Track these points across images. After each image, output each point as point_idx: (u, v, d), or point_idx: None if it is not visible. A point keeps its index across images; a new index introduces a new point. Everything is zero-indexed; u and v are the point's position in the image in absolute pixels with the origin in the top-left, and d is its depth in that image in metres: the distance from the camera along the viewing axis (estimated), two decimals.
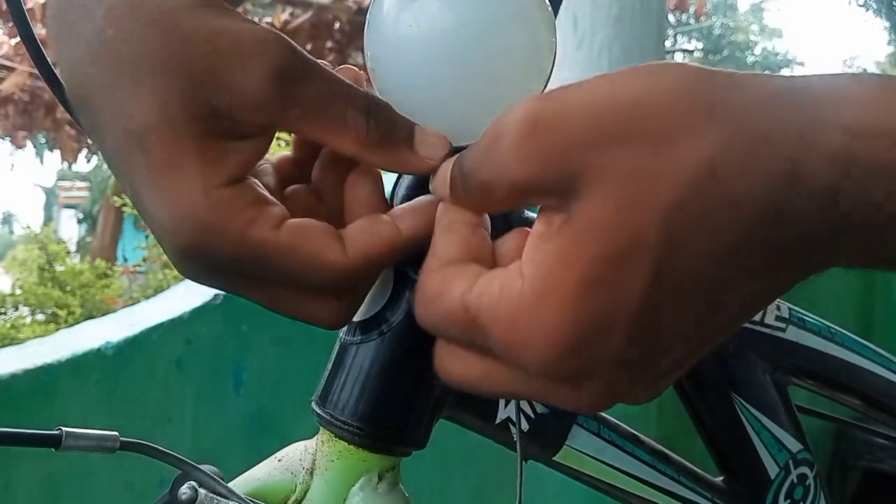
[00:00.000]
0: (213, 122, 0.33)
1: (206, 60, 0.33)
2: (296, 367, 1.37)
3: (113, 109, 0.33)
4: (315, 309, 0.37)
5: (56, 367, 1.20)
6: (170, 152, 0.33)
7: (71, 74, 0.35)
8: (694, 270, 0.29)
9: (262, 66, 0.33)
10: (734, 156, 0.28)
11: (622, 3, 1.99)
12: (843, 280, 2.24)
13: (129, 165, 0.34)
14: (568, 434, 0.51)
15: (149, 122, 0.33)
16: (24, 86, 8.27)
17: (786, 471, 0.59)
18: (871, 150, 0.28)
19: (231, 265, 0.35)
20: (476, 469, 1.55)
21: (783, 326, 0.58)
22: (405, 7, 0.38)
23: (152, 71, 0.33)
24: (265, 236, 0.34)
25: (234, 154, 0.34)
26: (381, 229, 0.36)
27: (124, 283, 6.11)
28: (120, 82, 0.33)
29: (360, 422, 0.43)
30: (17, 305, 5.39)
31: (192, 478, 0.42)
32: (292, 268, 0.35)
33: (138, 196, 0.34)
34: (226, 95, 0.33)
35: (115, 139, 0.34)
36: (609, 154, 0.29)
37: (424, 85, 0.38)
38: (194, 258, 0.34)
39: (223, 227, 0.33)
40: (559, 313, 0.29)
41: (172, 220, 0.33)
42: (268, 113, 0.34)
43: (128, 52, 0.33)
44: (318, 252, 0.35)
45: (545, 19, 0.39)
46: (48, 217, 19.32)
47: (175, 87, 0.33)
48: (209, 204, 0.33)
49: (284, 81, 0.34)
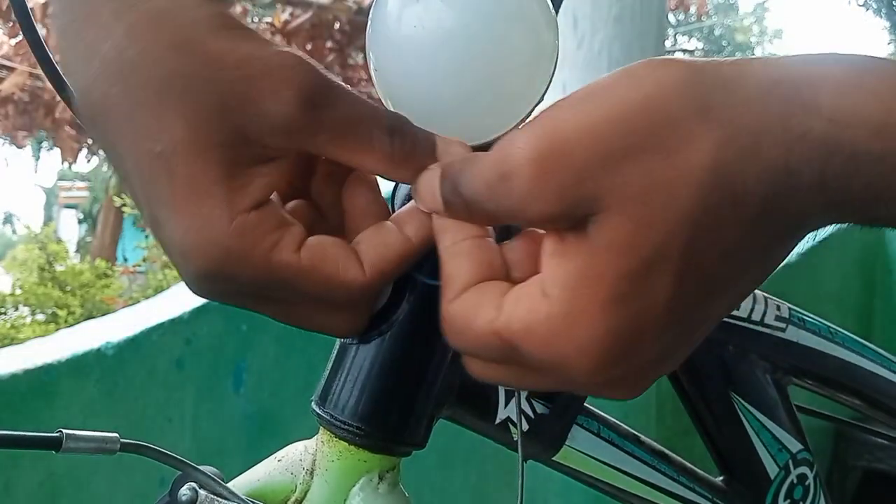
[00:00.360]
0: (240, 148, 0.33)
1: (238, 86, 0.33)
2: (296, 367, 1.37)
3: (136, 130, 0.33)
4: (332, 321, 0.38)
5: (56, 367, 1.20)
6: (196, 177, 0.33)
7: (86, 92, 0.34)
8: (707, 268, 0.30)
9: (292, 92, 0.33)
10: (732, 157, 0.29)
11: (622, 3, 1.99)
12: (843, 280, 2.24)
13: (151, 187, 0.33)
14: (568, 434, 0.51)
15: (175, 145, 0.32)
16: (24, 86, 8.27)
17: (785, 471, 0.59)
18: (851, 139, 0.29)
19: (253, 288, 0.35)
20: (476, 469, 1.55)
21: (783, 326, 0.58)
22: (408, 7, 0.38)
23: (181, 94, 0.32)
24: (288, 260, 0.34)
25: (260, 178, 0.34)
26: (391, 240, 0.36)
27: (124, 283, 6.11)
28: (146, 103, 0.32)
29: (360, 422, 0.43)
30: (17, 305, 5.39)
31: (192, 479, 0.42)
32: (314, 288, 0.35)
33: (156, 219, 0.34)
34: (255, 120, 0.33)
35: (136, 160, 0.33)
36: (618, 174, 0.29)
37: (427, 85, 0.38)
38: (216, 282, 0.34)
39: (248, 253, 0.33)
40: (592, 331, 0.30)
41: (197, 246, 0.33)
42: (297, 137, 0.34)
43: (155, 74, 0.32)
44: (338, 272, 0.35)
45: (548, 20, 0.39)
46: (48, 217, 19.31)
47: (204, 111, 0.32)
48: (235, 230, 0.33)
49: (313, 106, 0.34)
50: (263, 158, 0.34)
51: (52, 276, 5.60)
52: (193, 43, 0.33)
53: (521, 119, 0.39)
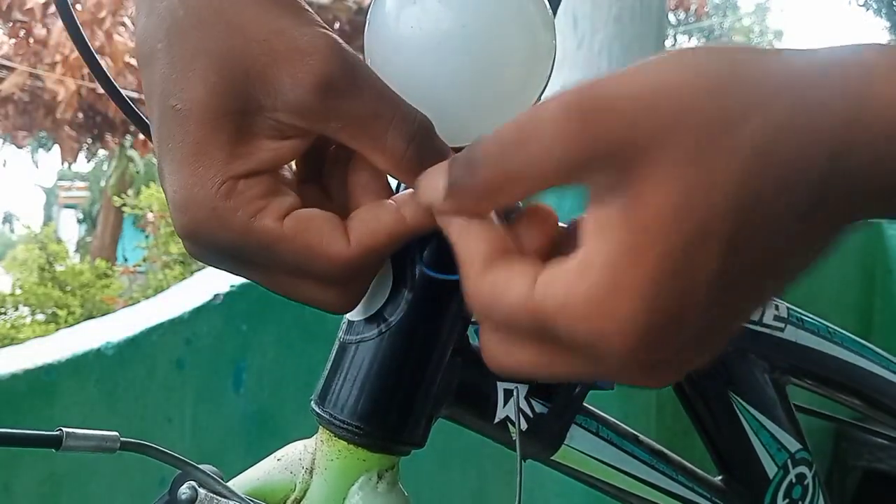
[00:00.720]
0: (253, 118, 0.35)
1: (261, 59, 0.34)
2: (296, 367, 1.38)
3: (166, 86, 0.35)
4: (319, 294, 0.38)
5: (56, 367, 1.20)
6: (204, 139, 0.34)
7: (142, 41, 0.36)
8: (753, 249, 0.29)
9: (309, 74, 0.34)
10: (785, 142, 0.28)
11: (622, 3, 1.99)
12: (843, 280, 2.24)
13: (165, 139, 0.35)
14: (567, 433, 0.51)
15: (192, 105, 0.34)
16: (24, 86, 8.28)
17: (784, 470, 0.59)
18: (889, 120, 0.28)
19: (234, 251, 0.36)
20: (476, 468, 1.55)
21: (781, 326, 0.58)
22: (406, 8, 0.38)
23: (210, 58, 0.34)
24: (269, 226, 0.35)
25: (267, 152, 0.36)
26: (382, 216, 0.36)
27: (124, 283, 6.11)
28: (179, 62, 0.35)
29: (360, 421, 0.43)
30: (17, 305, 5.39)
31: (192, 478, 0.43)
32: (295, 257, 0.35)
33: (162, 168, 0.36)
34: (272, 96, 0.34)
35: (160, 114, 0.35)
36: (668, 133, 0.28)
37: (424, 86, 0.38)
38: (199, 239, 0.36)
39: (230, 215, 0.35)
40: (634, 307, 0.28)
41: (185, 202, 0.35)
42: (308, 120, 0.35)
43: (193, 36, 0.35)
44: (321, 242, 0.35)
45: (545, 20, 0.39)
46: (48, 217, 19.32)
47: (227, 78, 0.34)
48: (223, 191, 0.35)
49: (328, 92, 0.34)
50: (275, 134, 0.35)
51: (52, 276, 5.60)
52: (234, 11, 0.35)
53: None
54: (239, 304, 1.36)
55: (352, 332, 0.44)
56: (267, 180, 0.36)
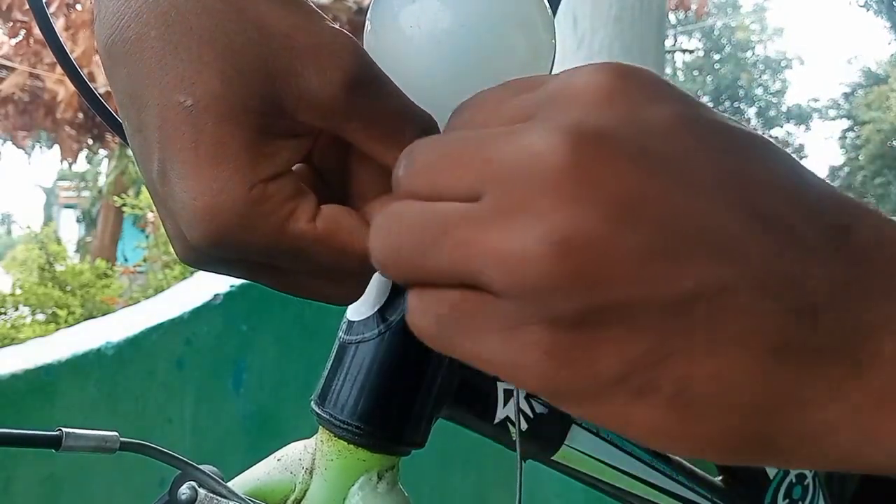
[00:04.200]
0: (273, 117, 0.32)
1: (283, 55, 0.32)
2: (296, 367, 1.38)
3: (168, 79, 0.31)
4: (335, 290, 0.37)
5: (56, 367, 1.20)
6: (224, 139, 0.31)
7: (120, 26, 0.32)
8: None
9: (337, 73, 0.32)
10: None
11: (622, 3, 1.99)
12: None
13: (171, 141, 0.32)
14: (567, 434, 0.51)
15: (208, 101, 0.31)
16: (24, 86, 8.28)
17: (784, 470, 0.59)
18: None
19: (263, 256, 0.34)
20: (476, 469, 1.56)
21: None
22: (405, 8, 0.38)
23: (224, 50, 0.31)
24: (304, 229, 0.33)
25: (285, 151, 0.33)
26: None
27: (124, 283, 6.11)
28: (186, 53, 0.31)
29: (360, 421, 0.43)
30: (17, 305, 5.39)
31: (192, 478, 0.43)
32: (328, 258, 0.34)
33: (166, 174, 0.32)
34: (294, 95, 0.32)
35: (161, 110, 0.32)
36: None
37: (424, 85, 0.38)
38: (222, 248, 0.33)
39: (263, 221, 0.32)
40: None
41: (209, 209, 0.31)
42: (331, 119, 0.33)
43: (201, 24, 0.31)
44: (352, 241, 0.34)
45: (545, 20, 0.39)
46: (48, 217, 19.32)
47: (246, 73, 0.31)
48: (252, 197, 0.32)
49: (355, 91, 0.33)
50: (292, 132, 0.34)
51: (52, 276, 5.59)
52: (247, 2, 0.32)
53: None
54: (239, 304, 1.36)
55: (352, 332, 0.44)
56: (291, 181, 0.33)
